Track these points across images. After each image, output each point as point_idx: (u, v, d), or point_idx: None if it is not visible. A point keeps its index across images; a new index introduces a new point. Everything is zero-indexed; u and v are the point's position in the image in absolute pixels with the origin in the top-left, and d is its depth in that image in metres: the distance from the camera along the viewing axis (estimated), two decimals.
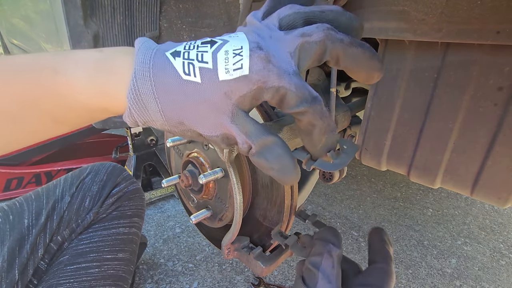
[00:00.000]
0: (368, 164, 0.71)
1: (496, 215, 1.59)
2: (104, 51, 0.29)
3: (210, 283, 1.09)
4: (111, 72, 0.28)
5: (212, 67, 0.26)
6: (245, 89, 0.26)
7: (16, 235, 0.63)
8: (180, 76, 0.26)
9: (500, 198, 0.52)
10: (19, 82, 0.28)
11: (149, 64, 0.26)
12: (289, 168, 0.28)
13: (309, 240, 0.44)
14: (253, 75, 0.26)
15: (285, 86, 0.26)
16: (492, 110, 0.49)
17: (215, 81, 0.26)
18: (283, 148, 0.28)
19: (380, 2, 0.53)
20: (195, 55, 0.26)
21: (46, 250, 0.66)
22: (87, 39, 0.87)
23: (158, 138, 1.51)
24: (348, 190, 1.73)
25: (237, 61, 0.26)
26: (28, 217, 0.66)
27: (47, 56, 0.29)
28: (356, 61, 0.29)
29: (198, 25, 1.10)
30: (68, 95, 0.28)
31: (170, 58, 0.26)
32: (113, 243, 0.72)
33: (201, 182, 0.48)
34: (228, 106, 0.26)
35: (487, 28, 0.44)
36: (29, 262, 0.63)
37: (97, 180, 0.75)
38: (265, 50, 0.26)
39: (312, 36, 0.27)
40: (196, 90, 0.26)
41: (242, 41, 0.27)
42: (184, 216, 1.44)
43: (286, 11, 0.29)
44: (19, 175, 1.48)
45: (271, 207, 0.50)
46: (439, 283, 1.14)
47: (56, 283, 0.63)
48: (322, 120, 0.28)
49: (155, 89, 0.26)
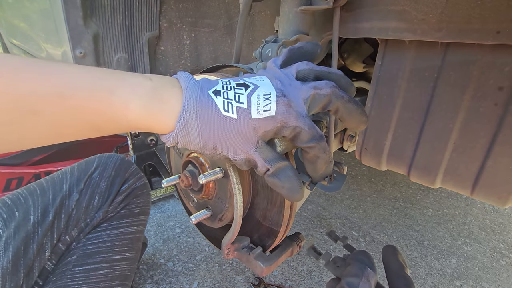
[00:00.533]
0: (368, 164, 0.71)
1: (496, 215, 1.59)
2: (153, 79, 0.35)
3: (210, 283, 1.09)
4: (162, 101, 0.34)
5: (247, 107, 0.33)
6: (270, 126, 0.34)
7: (21, 233, 0.60)
8: (220, 112, 0.33)
9: (500, 198, 0.52)
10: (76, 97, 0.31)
11: (196, 100, 0.33)
12: (297, 188, 0.36)
13: (341, 260, 0.45)
14: (278, 116, 0.33)
15: (300, 126, 0.34)
16: (492, 110, 0.49)
17: (248, 118, 0.33)
18: (293, 172, 0.36)
19: (380, 2, 0.53)
20: (233, 95, 0.34)
21: (53, 250, 0.64)
22: (87, 39, 0.87)
23: (158, 138, 1.51)
24: (348, 190, 1.73)
25: (267, 104, 0.33)
26: (34, 213, 0.63)
27: (103, 75, 0.33)
28: (350, 114, 0.38)
29: (198, 25, 1.10)
30: (120, 115, 0.33)
31: (212, 97, 0.33)
32: (121, 243, 0.71)
33: (201, 182, 0.48)
34: (254, 138, 0.34)
35: (487, 28, 0.44)
36: (35, 264, 0.61)
37: (105, 175, 0.72)
38: (288, 98, 0.34)
39: (322, 90, 0.35)
40: (232, 124, 0.33)
41: (270, 88, 0.35)
42: (184, 216, 1.44)
43: (303, 66, 0.38)
44: (19, 175, 1.48)
45: (271, 207, 0.50)
46: (439, 283, 1.14)
47: (64, 284, 0.61)
48: (325, 153, 0.37)
49: (199, 120, 0.33)
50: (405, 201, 1.66)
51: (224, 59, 1.21)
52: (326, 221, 1.45)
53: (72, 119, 0.32)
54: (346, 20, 0.59)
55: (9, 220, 0.61)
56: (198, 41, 1.13)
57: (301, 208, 1.52)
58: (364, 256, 0.42)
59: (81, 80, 0.32)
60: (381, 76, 0.61)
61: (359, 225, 1.44)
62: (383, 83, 0.61)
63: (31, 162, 1.58)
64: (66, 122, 0.32)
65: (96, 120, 0.33)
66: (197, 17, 1.08)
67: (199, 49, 1.14)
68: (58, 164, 1.56)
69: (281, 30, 0.60)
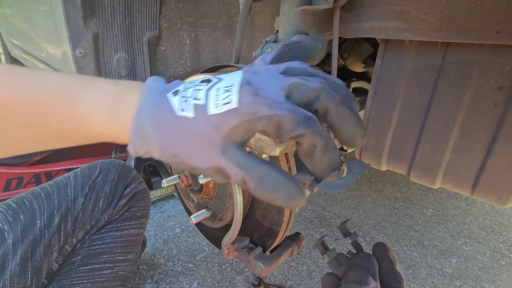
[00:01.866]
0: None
1: (497, 215, 1.59)
2: (119, 84, 0.32)
3: (210, 283, 1.09)
4: (124, 108, 0.31)
5: (204, 103, 0.28)
6: (234, 122, 0.27)
7: (29, 236, 0.61)
8: (175, 113, 0.28)
9: (500, 198, 0.52)
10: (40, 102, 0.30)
11: (151, 103, 0.29)
12: (294, 193, 0.27)
13: (345, 259, 0.45)
14: (242, 108, 0.27)
15: (277, 113, 0.27)
16: (492, 110, 0.49)
17: (205, 115, 0.27)
18: (281, 174, 0.28)
19: (380, 2, 0.53)
20: (191, 93, 0.29)
21: (60, 252, 0.66)
22: (87, 39, 0.87)
23: None
24: (348, 190, 1.73)
25: (227, 96, 0.27)
26: (40, 217, 0.64)
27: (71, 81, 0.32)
28: (342, 120, 0.30)
29: (198, 25, 1.10)
30: (85, 124, 0.31)
31: (169, 97, 0.29)
32: (124, 244, 0.73)
33: (201, 182, 0.48)
34: (218, 139, 0.27)
35: (487, 28, 0.44)
36: (43, 266, 0.62)
37: (109, 180, 0.75)
38: (254, 86, 0.28)
39: (309, 82, 0.29)
40: (189, 124, 0.28)
41: (235, 79, 0.29)
42: (184, 216, 1.44)
43: (295, 64, 0.32)
44: (19, 175, 1.48)
45: (271, 207, 0.50)
46: (439, 283, 1.14)
47: (69, 283, 0.63)
48: (322, 139, 0.28)
49: (155, 124, 0.29)
50: (405, 201, 1.66)
51: (224, 59, 1.21)
52: (326, 221, 1.45)
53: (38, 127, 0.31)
54: (346, 20, 0.59)
55: (14, 223, 0.62)
56: (198, 41, 1.13)
57: (301, 208, 1.52)
58: (368, 262, 0.42)
59: (49, 88, 0.31)
60: (381, 76, 0.61)
61: (359, 225, 1.44)
62: (383, 83, 0.61)
63: (31, 162, 1.58)
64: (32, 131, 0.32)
65: (64, 130, 0.32)
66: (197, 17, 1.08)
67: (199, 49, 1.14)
68: (58, 164, 1.56)
69: (281, 30, 0.61)
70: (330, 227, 1.41)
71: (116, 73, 0.99)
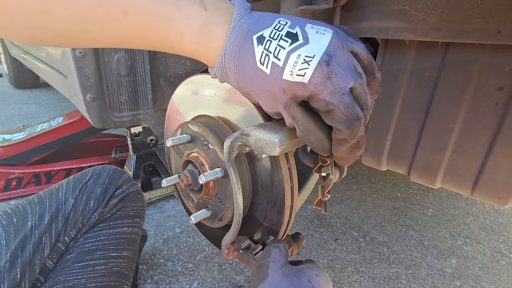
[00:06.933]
0: (368, 164, 0.71)
1: (497, 215, 1.59)
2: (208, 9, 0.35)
3: (210, 283, 1.09)
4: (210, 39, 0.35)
5: (282, 65, 0.31)
6: (300, 92, 0.32)
7: (20, 236, 0.65)
8: (256, 63, 0.33)
9: (501, 198, 0.52)
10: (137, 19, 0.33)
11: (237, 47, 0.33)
12: (327, 147, 0.36)
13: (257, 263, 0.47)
14: (310, 86, 0.31)
15: (335, 103, 0.31)
16: (492, 110, 0.49)
17: (279, 77, 0.32)
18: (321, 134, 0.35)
19: (380, 2, 0.53)
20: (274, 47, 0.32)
21: (52, 249, 0.68)
22: None
23: (158, 138, 1.51)
24: (348, 190, 1.73)
25: (303, 68, 0.31)
26: (31, 219, 0.67)
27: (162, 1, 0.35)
28: None
29: None
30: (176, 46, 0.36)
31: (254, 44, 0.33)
32: (117, 241, 0.75)
33: (201, 182, 0.47)
34: (283, 98, 0.33)
35: (487, 28, 0.44)
36: (35, 261, 0.64)
37: (100, 183, 0.77)
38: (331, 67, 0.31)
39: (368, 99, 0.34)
40: (263, 79, 0.33)
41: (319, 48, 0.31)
42: (184, 216, 1.44)
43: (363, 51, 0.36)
44: (19, 175, 1.48)
45: (271, 207, 0.50)
46: (439, 283, 1.14)
47: (64, 279, 0.65)
48: (354, 140, 0.34)
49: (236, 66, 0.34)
50: (405, 201, 1.66)
51: None
52: (326, 221, 1.45)
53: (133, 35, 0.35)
54: (346, 20, 0.59)
55: (7, 225, 0.66)
56: None
57: (301, 208, 1.52)
58: None
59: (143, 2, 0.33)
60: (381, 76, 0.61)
61: (359, 225, 1.44)
62: (383, 83, 0.61)
63: (31, 162, 1.58)
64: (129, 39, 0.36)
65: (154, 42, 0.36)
66: None
67: None
68: (58, 164, 1.56)
69: None
70: (330, 227, 1.41)
71: (116, 73, 0.99)
